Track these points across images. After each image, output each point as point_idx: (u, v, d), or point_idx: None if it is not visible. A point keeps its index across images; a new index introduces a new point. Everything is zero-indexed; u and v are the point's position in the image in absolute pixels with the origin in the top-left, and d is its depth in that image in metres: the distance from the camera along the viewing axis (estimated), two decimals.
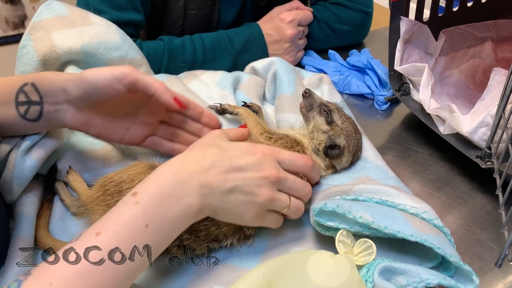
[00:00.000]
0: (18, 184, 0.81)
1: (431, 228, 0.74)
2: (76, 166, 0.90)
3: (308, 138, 0.91)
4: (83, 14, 1.05)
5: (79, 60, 1.02)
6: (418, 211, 0.76)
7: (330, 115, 0.91)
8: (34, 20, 1.00)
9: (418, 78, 1.07)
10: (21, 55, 0.99)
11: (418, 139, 1.12)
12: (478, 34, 1.22)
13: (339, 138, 0.89)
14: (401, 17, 1.09)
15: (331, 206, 0.73)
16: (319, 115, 0.91)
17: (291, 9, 1.32)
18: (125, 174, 0.78)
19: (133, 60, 1.09)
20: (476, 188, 0.98)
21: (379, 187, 0.81)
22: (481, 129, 0.92)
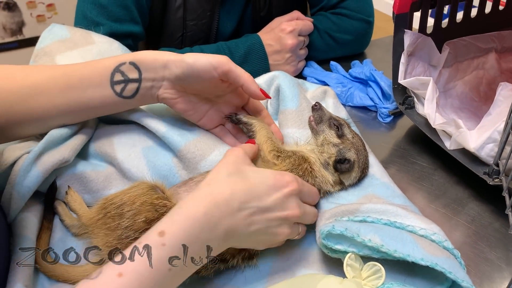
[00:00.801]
0: (19, 194, 0.80)
1: (441, 251, 0.72)
2: (76, 186, 0.87)
3: (316, 153, 0.89)
4: (85, 34, 1.06)
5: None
6: (428, 233, 0.75)
7: (340, 128, 0.90)
8: (38, 47, 1.02)
9: (422, 92, 1.06)
10: None
11: (422, 153, 1.10)
12: (482, 46, 1.21)
13: (349, 152, 0.87)
14: (405, 30, 1.07)
15: (339, 229, 0.71)
16: (329, 128, 0.90)
17: (291, 19, 1.31)
18: (126, 196, 0.76)
19: None
20: (483, 204, 0.96)
21: (387, 206, 0.79)
22: (489, 145, 0.90)
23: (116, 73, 0.84)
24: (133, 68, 0.85)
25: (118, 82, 0.85)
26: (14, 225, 0.81)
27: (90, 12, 1.16)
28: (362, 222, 0.76)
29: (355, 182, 0.89)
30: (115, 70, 0.84)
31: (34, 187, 0.81)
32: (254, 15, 1.39)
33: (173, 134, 0.89)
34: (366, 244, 0.71)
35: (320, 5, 1.42)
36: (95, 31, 1.10)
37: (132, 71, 0.85)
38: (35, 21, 3.28)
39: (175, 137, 0.89)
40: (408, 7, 1.06)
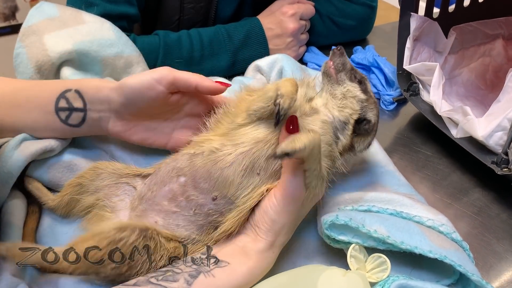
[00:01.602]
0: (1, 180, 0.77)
1: (450, 243, 0.69)
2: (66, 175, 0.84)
3: (330, 107, 0.76)
4: (75, 13, 1.01)
5: (73, 60, 0.97)
6: (435, 224, 0.71)
7: (364, 83, 0.78)
8: (25, 25, 0.96)
9: (428, 78, 1.02)
10: (16, 64, 0.96)
11: (427, 141, 1.07)
12: (489, 32, 1.17)
13: (372, 112, 0.77)
14: (411, 13, 1.03)
15: (343, 219, 0.68)
16: (351, 80, 0.77)
17: (292, 2, 1.27)
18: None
19: (130, 57, 1.04)
20: (490, 195, 0.93)
21: (392, 195, 0.76)
22: (497, 133, 0.87)
23: (61, 99, 0.80)
24: (78, 97, 0.80)
25: (62, 109, 0.80)
26: (1, 212, 0.78)
27: None
28: (367, 212, 0.73)
29: (366, 148, 0.79)
30: (60, 96, 0.80)
31: (16, 173, 0.78)
32: None
33: None
34: (372, 235, 0.67)
35: None
36: (88, 11, 1.05)
37: (76, 100, 0.80)
38: (29, 6, 3.22)
39: None
40: None
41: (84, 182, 0.79)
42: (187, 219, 0.72)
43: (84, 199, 0.79)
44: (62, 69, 0.96)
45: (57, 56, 0.94)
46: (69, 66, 0.96)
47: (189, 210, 0.72)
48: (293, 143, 0.60)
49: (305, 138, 0.61)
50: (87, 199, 0.79)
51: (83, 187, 0.79)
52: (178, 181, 0.73)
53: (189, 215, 0.72)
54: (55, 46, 0.94)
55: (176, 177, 0.74)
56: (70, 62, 0.97)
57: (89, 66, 0.99)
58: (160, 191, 0.74)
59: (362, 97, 0.76)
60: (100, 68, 1.00)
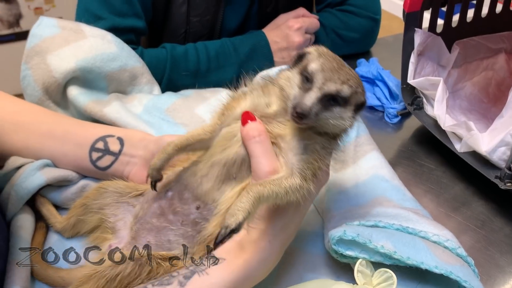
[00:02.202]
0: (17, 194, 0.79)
1: (455, 258, 0.70)
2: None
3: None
4: (76, 28, 1.02)
5: (78, 77, 0.99)
6: (441, 239, 0.73)
7: (334, 99, 0.66)
8: (28, 46, 0.98)
9: (432, 92, 1.04)
10: (24, 86, 0.98)
11: (430, 155, 1.08)
12: (492, 46, 1.19)
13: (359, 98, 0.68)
14: (415, 29, 1.05)
15: (351, 234, 0.69)
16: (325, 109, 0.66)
17: (297, 16, 1.28)
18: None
19: (134, 69, 1.06)
20: (493, 209, 0.94)
21: (398, 210, 0.77)
22: (501, 148, 0.88)
23: (100, 141, 0.86)
24: (118, 143, 0.86)
25: (97, 149, 0.86)
26: (11, 225, 0.80)
27: (92, 6, 1.12)
28: (374, 227, 0.74)
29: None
30: (100, 138, 0.86)
31: (33, 190, 0.81)
32: (260, 11, 1.36)
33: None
34: (379, 251, 0.69)
35: (327, 1, 1.40)
36: (96, 25, 1.07)
37: (115, 144, 0.86)
38: (33, 14, 3.24)
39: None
40: (419, 5, 1.04)
41: (88, 202, 0.80)
42: (176, 233, 0.73)
43: (89, 219, 0.80)
44: (68, 88, 0.98)
45: (62, 76, 0.96)
46: (75, 85, 0.98)
47: (177, 222, 0.73)
48: (235, 217, 0.60)
49: (246, 203, 0.61)
50: (91, 219, 0.80)
51: (88, 207, 0.80)
52: (165, 196, 0.75)
53: (177, 227, 0.73)
54: (59, 66, 0.96)
55: (164, 193, 0.76)
56: (75, 80, 0.99)
57: (94, 82, 1.01)
58: (150, 209, 0.76)
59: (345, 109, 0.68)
60: (105, 83, 1.02)
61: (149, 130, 0.95)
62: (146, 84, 1.09)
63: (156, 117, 1.01)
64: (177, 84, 1.17)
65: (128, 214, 0.79)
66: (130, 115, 0.97)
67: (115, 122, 0.95)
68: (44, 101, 0.99)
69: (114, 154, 0.86)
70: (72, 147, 0.86)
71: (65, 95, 1.00)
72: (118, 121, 0.95)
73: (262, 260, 0.68)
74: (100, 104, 0.98)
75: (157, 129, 0.96)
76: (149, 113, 1.01)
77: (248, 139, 0.67)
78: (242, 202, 0.61)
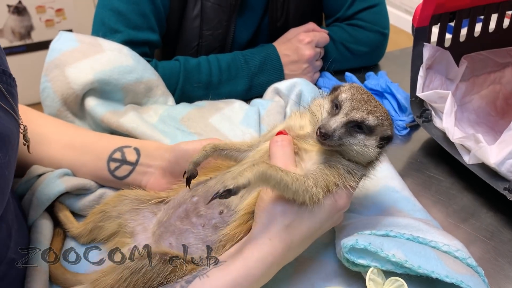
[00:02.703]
0: (38, 200, 0.82)
1: (465, 268, 0.71)
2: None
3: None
4: (94, 42, 1.06)
5: (96, 89, 1.03)
6: (451, 249, 0.74)
7: (359, 126, 0.71)
8: (48, 60, 1.02)
9: (440, 105, 1.05)
10: (43, 98, 1.02)
11: (439, 166, 1.09)
12: (499, 60, 1.21)
13: (385, 131, 0.73)
14: (424, 43, 1.07)
15: (363, 243, 0.71)
16: (351, 136, 0.70)
17: (307, 30, 1.31)
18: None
19: (149, 81, 1.09)
20: (502, 220, 0.95)
21: (409, 220, 0.79)
22: (509, 160, 0.90)
23: (117, 151, 0.89)
24: (135, 153, 0.89)
25: (115, 159, 0.89)
26: (31, 231, 0.82)
27: (108, 19, 1.16)
28: (385, 236, 0.76)
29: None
30: (118, 149, 0.89)
31: (53, 197, 0.84)
32: (271, 25, 1.39)
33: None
34: (390, 259, 0.70)
35: (336, 16, 1.42)
36: (112, 38, 1.10)
37: (131, 154, 0.89)
38: (44, 26, 3.29)
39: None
40: (428, 20, 1.06)
41: (107, 208, 0.83)
42: (197, 236, 0.75)
43: (107, 226, 0.82)
44: (86, 99, 1.01)
45: (80, 88, 0.99)
46: (92, 96, 1.02)
47: (199, 226, 0.75)
48: (235, 180, 0.63)
49: (249, 172, 0.64)
50: (110, 225, 0.82)
51: (106, 213, 0.82)
52: (191, 201, 0.78)
53: (197, 231, 0.75)
54: (77, 78, 0.99)
55: (190, 198, 0.79)
56: (93, 91, 1.02)
57: (111, 94, 1.04)
58: (175, 213, 0.78)
59: (369, 137, 0.72)
60: (121, 95, 1.05)
61: (164, 139, 0.98)
62: (161, 95, 1.12)
63: (171, 126, 1.03)
64: (190, 95, 1.20)
65: (147, 219, 0.81)
66: (146, 125, 1.00)
67: (131, 132, 0.98)
68: (62, 112, 1.02)
69: (131, 164, 0.88)
70: (90, 158, 0.89)
71: (82, 106, 1.03)
72: (134, 130, 0.98)
73: (261, 258, 0.68)
74: (116, 115, 1.01)
75: (171, 138, 0.99)
76: (164, 123, 1.04)
77: (272, 142, 0.73)
78: (246, 170, 0.64)
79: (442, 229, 0.82)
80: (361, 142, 0.70)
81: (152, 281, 0.68)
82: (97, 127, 1.04)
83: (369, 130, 0.71)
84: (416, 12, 1.06)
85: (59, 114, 1.02)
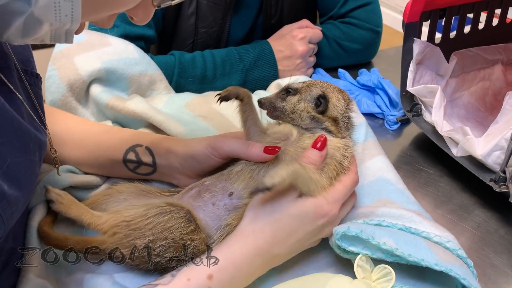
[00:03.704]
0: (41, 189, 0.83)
1: (455, 258, 0.73)
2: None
3: (297, 126, 0.84)
4: (101, 37, 1.10)
5: (102, 77, 1.05)
6: (442, 240, 0.76)
7: (289, 89, 0.85)
8: (56, 50, 1.05)
9: (430, 100, 1.08)
10: (48, 85, 1.03)
11: (429, 160, 1.12)
12: (489, 57, 1.23)
13: (311, 90, 0.83)
14: (414, 38, 1.09)
15: (355, 230, 0.73)
16: (284, 100, 0.84)
17: (301, 27, 1.33)
18: (158, 227, 0.73)
19: (153, 75, 1.14)
20: (489, 211, 0.97)
21: (402, 211, 0.81)
22: (495, 152, 0.92)
23: (130, 152, 0.88)
24: (148, 154, 0.88)
25: (131, 161, 0.88)
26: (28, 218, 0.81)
27: None
28: (377, 226, 0.78)
29: (343, 105, 0.85)
30: (130, 149, 0.88)
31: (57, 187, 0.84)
32: (265, 22, 1.41)
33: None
34: (381, 247, 0.72)
35: (330, 14, 1.44)
36: (110, 32, 1.14)
37: (146, 155, 0.88)
38: None
39: None
40: (418, 16, 1.09)
41: (113, 192, 0.84)
42: (206, 213, 0.78)
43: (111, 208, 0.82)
44: (91, 86, 1.04)
45: (88, 74, 1.02)
46: (98, 84, 1.04)
47: (209, 203, 0.79)
48: (272, 179, 0.69)
49: (284, 171, 0.70)
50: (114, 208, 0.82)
51: (112, 197, 0.84)
52: (203, 184, 0.82)
53: (207, 209, 0.79)
54: (85, 65, 1.02)
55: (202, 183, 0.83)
56: (98, 80, 1.04)
57: (116, 83, 1.07)
58: (188, 193, 0.82)
59: (297, 97, 0.84)
60: (126, 84, 1.09)
61: (171, 120, 1.01)
62: (164, 89, 1.16)
63: (176, 111, 1.07)
64: (185, 89, 1.22)
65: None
66: (152, 108, 1.03)
67: (137, 113, 1.01)
68: (67, 97, 1.04)
69: (150, 164, 0.89)
70: (105, 159, 0.89)
71: (87, 93, 1.06)
72: (140, 112, 1.01)
73: (245, 249, 0.71)
74: (122, 100, 1.04)
75: (178, 119, 1.02)
76: (170, 108, 1.08)
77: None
78: (282, 170, 0.70)
79: (434, 221, 0.84)
80: (291, 101, 0.83)
81: (170, 232, 0.72)
82: (100, 114, 1.07)
83: (295, 91, 0.84)
84: (406, 8, 1.08)
85: (63, 99, 1.04)
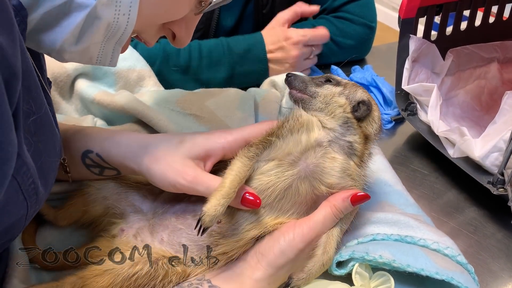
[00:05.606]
0: None
1: (455, 265, 0.71)
2: None
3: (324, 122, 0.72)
4: None
5: (88, 72, 1.02)
6: (440, 247, 0.73)
7: (331, 79, 0.76)
8: None
9: (425, 98, 1.05)
10: None
11: (424, 160, 1.09)
12: (485, 55, 1.21)
13: (357, 93, 0.74)
14: (410, 35, 1.06)
15: (346, 254, 0.71)
16: (320, 86, 0.75)
17: (294, 14, 1.28)
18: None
19: (142, 71, 1.11)
20: (486, 214, 0.95)
21: (399, 217, 0.78)
22: (494, 154, 0.90)
23: (86, 158, 0.77)
24: (102, 161, 0.77)
25: (92, 166, 0.78)
26: None
27: None
28: (372, 241, 0.75)
29: (379, 126, 0.75)
30: (84, 155, 0.77)
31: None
32: (256, 11, 1.36)
33: None
34: (377, 261, 0.70)
35: (322, 7, 1.40)
36: None
37: (102, 162, 0.77)
38: None
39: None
40: (414, 12, 1.06)
41: (91, 191, 0.79)
42: (190, 238, 0.72)
43: (92, 209, 0.78)
44: (76, 81, 1.01)
45: (73, 68, 0.99)
46: (84, 79, 1.01)
47: (193, 228, 0.68)
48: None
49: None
50: (95, 209, 0.78)
51: (91, 196, 0.78)
52: (190, 199, 0.75)
53: (192, 233, 0.71)
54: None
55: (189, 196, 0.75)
56: (85, 75, 1.01)
57: (103, 78, 1.05)
58: (172, 208, 0.75)
59: (339, 90, 0.74)
60: (113, 80, 1.06)
61: (160, 116, 0.95)
62: (153, 86, 1.12)
63: (166, 108, 1.00)
64: (167, 79, 1.18)
65: (137, 201, 0.78)
66: (141, 102, 0.98)
67: (125, 109, 0.96)
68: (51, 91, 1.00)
69: (111, 168, 0.78)
70: (72, 164, 0.79)
71: (72, 88, 1.02)
72: (128, 107, 0.96)
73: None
74: (109, 94, 0.99)
75: (167, 116, 0.96)
76: (159, 105, 1.01)
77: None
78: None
79: (433, 225, 0.81)
80: (330, 90, 0.74)
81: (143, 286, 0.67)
82: (85, 109, 1.03)
83: (338, 83, 0.76)
84: (402, 3, 1.05)
85: None
